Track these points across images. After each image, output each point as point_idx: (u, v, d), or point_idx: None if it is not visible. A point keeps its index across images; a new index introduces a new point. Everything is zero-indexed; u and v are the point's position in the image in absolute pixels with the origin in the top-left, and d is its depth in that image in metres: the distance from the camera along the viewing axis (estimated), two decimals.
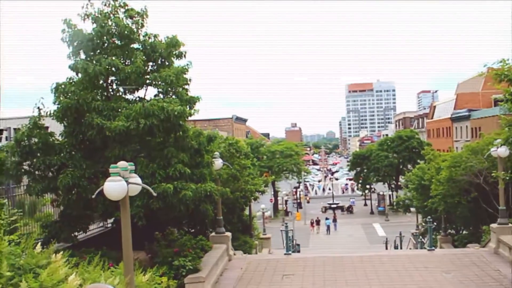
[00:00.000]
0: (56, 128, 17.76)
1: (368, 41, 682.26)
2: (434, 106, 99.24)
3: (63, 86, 16.35)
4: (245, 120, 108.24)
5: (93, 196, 10.96)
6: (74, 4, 18.18)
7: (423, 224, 39.86)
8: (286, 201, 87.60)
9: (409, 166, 77.06)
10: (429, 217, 29.08)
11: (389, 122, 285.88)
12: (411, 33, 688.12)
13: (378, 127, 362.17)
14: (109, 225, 20.85)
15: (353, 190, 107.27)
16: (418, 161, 66.09)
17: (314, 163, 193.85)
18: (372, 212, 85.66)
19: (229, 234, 22.15)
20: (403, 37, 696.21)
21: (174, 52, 18.20)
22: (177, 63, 18.38)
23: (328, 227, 70.11)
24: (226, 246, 21.17)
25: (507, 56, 16.65)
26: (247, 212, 34.79)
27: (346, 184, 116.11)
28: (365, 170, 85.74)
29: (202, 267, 17.23)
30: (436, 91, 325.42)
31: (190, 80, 18.17)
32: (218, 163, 19.81)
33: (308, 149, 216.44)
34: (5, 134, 57.64)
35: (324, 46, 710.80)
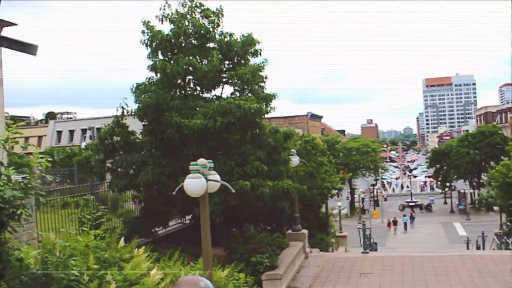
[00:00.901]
0: (135, 126, 18.32)
1: (447, 34, 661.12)
2: None
3: (143, 86, 16.84)
4: (320, 117, 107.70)
5: (174, 193, 11.20)
6: (151, 3, 18.68)
7: (508, 223, 38.19)
8: (362, 198, 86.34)
9: (491, 163, 73.95)
10: None
11: (469, 117, 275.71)
12: (492, 25, 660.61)
13: (458, 122, 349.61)
14: (187, 221, 21.25)
15: (432, 188, 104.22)
16: (502, 157, 63.24)
17: (392, 160, 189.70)
18: (452, 211, 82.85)
19: (305, 231, 22.08)
20: (485, 29, 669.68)
21: (249, 50, 18.31)
22: (253, 61, 18.51)
23: (405, 224, 68.50)
24: (302, 243, 21.10)
25: None
26: (323, 209, 34.59)
27: (425, 182, 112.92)
28: (445, 167, 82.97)
29: (279, 264, 17.23)
30: None
31: (266, 77, 18.25)
32: (294, 160, 19.79)
33: (385, 145, 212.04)
34: (88, 133, 60.34)
35: (400, 41, 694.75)
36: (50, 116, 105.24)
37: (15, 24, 36.57)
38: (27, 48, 9.90)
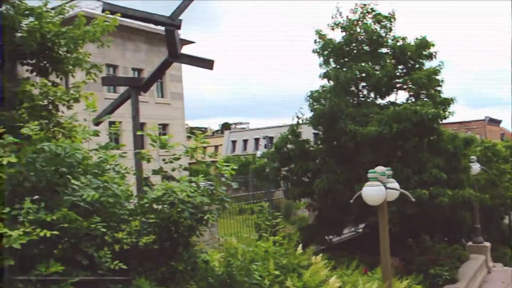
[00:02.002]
0: (307, 135, 18.54)
1: None
2: None
3: (316, 94, 17.00)
4: (499, 122, 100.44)
5: (351, 201, 11.09)
6: (322, 12, 18.79)
7: None
8: None
9: None
10: None
11: None
12: None
13: None
14: (360, 230, 21.00)
15: None
16: None
17: None
18: None
19: (488, 244, 20.66)
20: None
21: (424, 54, 17.66)
22: (428, 64, 17.83)
23: None
24: (484, 257, 19.77)
25: None
26: (506, 220, 32.11)
27: None
28: None
29: (459, 278, 16.35)
30: None
31: (442, 81, 17.46)
32: (475, 167, 18.67)
33: None
34: (262, 142, 62.56)
35: None
36: (225, 126, 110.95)
37: (193, 42, 38.97)
38: (205, 63, 10.50)
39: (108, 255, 6.41)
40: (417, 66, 17.73)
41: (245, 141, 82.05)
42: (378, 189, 10.22)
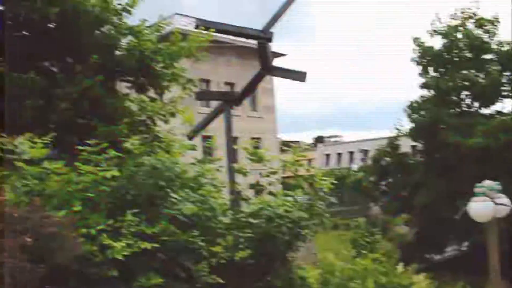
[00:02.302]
0: (404, 147, 17.92)
1: None
2: None
3: (416, 104, 16.45)
4: None
5: (457, 217, 10.47)
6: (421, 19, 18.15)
7: None
8: None
9: None
10: None
11: None
12: None
13: None
14: (464, 248, 19.94)
15: None
16: None
17: None
18: None
19: None
20: None
21: None
22: None
23: None
24: None
25: None
26: None
27: None
28: None
29: None
30: None
31: None
32: None
33: None
34: (357, 155, 61.53)
35: None
36: (318, 139, 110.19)
37: (285, 55, 39.33)
38: (297, 75, 10.36)
39: (206, 268, 6.36)
40: None
41: (339, 155, 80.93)
42: (486, 204, 9.52)
